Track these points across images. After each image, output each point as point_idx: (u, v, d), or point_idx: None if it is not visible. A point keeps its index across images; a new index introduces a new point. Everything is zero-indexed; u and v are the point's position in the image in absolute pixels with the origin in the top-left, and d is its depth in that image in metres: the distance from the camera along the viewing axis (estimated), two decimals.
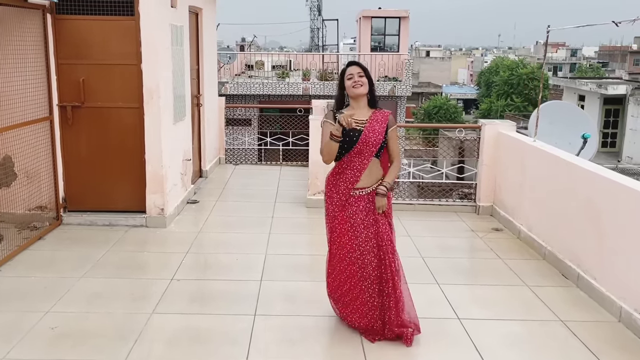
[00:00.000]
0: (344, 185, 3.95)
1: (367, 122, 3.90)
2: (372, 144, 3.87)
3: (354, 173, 3.92)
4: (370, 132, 3.87)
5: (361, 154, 3.89)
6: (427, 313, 4.45)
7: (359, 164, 3.91)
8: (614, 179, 4.68)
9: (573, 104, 13.21)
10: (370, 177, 3.95)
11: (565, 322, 4.34)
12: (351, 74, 3.92)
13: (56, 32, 6.11)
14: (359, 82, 3.90)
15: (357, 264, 3.95)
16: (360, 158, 3.89)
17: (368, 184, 3.94)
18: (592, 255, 4.86)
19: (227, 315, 4.35)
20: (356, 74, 3.91)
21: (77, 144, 6.33)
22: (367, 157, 3.89)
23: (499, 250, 5.93)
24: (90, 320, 4.21)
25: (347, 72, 3.95)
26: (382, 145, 3.94)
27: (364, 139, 3.86)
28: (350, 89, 3.93)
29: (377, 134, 3.88)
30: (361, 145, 3.87)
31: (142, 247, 5.82)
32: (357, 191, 3.94)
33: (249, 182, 8.92)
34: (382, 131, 3.90)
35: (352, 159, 3.91)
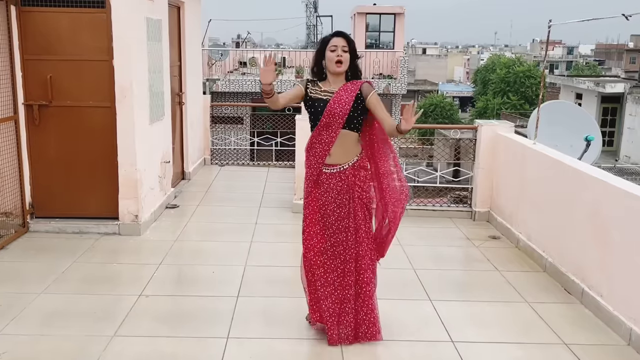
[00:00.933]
0: (315, 160, 3.70)
1: (335, 94, 3.61)
2: (337, 114, 3.58)
3: (323, 147, 3.64)
4: (335, 102, 3.59)
5: (329, 127, 3.61)
6: (418, 335, 4.06)
7: (327, 137, 3.63)
8: (622, 187, 4.27)
9: (574, 104, 12.82)
10: (344, 154, 3.66)
11: (569, 346, 3.94)
12: (335, 45, 3.58)
13: (21, 25, 5.67)
14: (342, 58, 3.57)
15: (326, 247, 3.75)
16: (328, 131, 3.62)
17: (341, 161, 3.66)
18: (598, 269, 4.46)
19: (197, 338, 3.93)
20: (340, 47, 3.57)
21: (45, 145, 5.90)
22: (335, 130, 3.60)
23: (496, 261, 5.52)
24: (43, 344, 3.79)
25: (331, 43, 3.60)
26: (354, 116, 3.61)
27: (329, 110, 3.58)
28: (331, 63, 3.60)
29: (343, 104, 3.57)
30: (327, 117, 3.59)
31: (112, 257, 5.40)
32: (328, 168, 3.68)
33: (234, 185, 8.50)
34: (350, 100, 3.57)
35: (321, 132, 3.64)
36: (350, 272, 3.74)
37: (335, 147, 3.63)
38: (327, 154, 3.64)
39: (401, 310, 4.43)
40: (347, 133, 3.64)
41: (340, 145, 3.63)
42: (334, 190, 3.69)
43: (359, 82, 3.66)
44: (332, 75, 3.66)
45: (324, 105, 3.61)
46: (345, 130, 3.62)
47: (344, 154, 3.65)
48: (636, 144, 25.42)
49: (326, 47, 3.61)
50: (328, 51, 3.59)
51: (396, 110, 21.16)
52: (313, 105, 3.66)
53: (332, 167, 3.67)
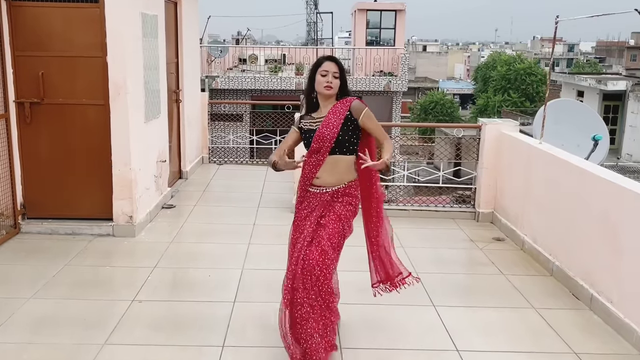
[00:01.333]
0: (302, 182, 3.66)
1: (324, 118, 3.56)
2: (326, 138, 3.51)
3: (310, 169, 3.59)
4: (324, 126, 3.53)
5: (318, 152, 3.55)
6: (422, 343, 3.90)
7: (315, 160, 3.57)
8: (633, 189, 4.11)
9: (580, 102, 12.65)
10: (332, 178, 3.57)
11: (579, 355, 3.79)
12: (326, 70, 3.54)
13: (12, 21, 5.50)
14: (331, 85, 3.53)
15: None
16: (317, 155, 3.56)
17: (329, 183, 3.58)
18: (608, 274, 4.30)
19: (191, 346, 3.78)
20: (331, 73, 3.54)
21: (37, 144, 5.73)
22: (323, 154, 3.54)
23: (501, 265, 5.36)
24: (29, 353, 3.62)
25: (322, 67, 3.55)
26: (344, 139, 3.52)
27: (318, 136, 3.53)
28: (320, 87, 3.55)
29: (331, 127, 3.51)
30: (316, 143, 3.54)
31: (105, 260, 5.24)
32: (314, 188, 3.61)
33: (232, 184, 8.34)
34: (338, 123, 3.51)
35: (311, 156, 3.60)
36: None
37: (324, 172, 3.56)
38: (313, 176, 3.59)
39: (403, 317, 4.27)
40: (339, 158, 3.56)
41: (330, 170, 3.56)
42: (309, 208, 3.63)
43: (349, 100, 3.59)
44: (322, 98, 3.61)
45: (314, 132, 3.59)
46: (337, 156, 3.55)
47: (332, 178, 3.58)
48: (638, 141, 25.29)
49: (317, 70, 3.58)
50: (319, 75, 3.56)
51: (396, 107, 21.00)
52: (306, 137, 3.63)
53: (317, 188, 3.61)
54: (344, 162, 3.58)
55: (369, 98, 20.63)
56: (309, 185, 3.62)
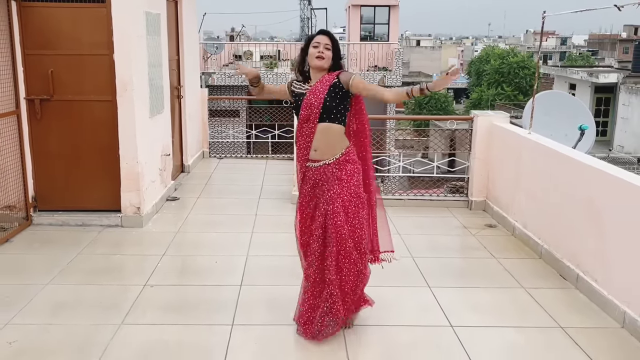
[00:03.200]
0: (300, 153, 3.79)
1: (312, 86, 3.69)
2: (314, 105, 3.62)
3: (305, 139, 3.71)
4: (311, 94, 3.66)
5: (308, 119, 3.66)
6: (419, 320, 4.17)
7: (307, 129, 3.69)
8: (616, 175, 4.38)
9: (569, 94, 12.93)
10: (328, 148, 3.67)
11: (565, 329, 4.06)
12: (318, 42, 3.65)
13: (22, 21, 5.72)
14: (323, 55, 3.63)
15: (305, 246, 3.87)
16: (307, 124, 3.67)
17: (325, 156, 3.68)
18: (593, 255, 4.57)
19: (202, 325, 4.03)
20: (323, 44, 3.64)
21: (47, 139, 5.97)
22: (313, 121, 3.64)
23: (493, 249, 5.63)
24: (52, 333, 3.87)
25: (314, 40, 3.67)
26: (332, 106, 3.62)
27: (306, 102, 3.65)
28: (312, 58, 3.66)
29: (317, 94, 3.63)
30: (304, 110, 3.65)
31: (115, 249, 5.48)
32: (313, 163, 3.73)
33: (233, 177, 8.58)
34: (324, 89, 3.61)
35: (302, 125, 3.70)
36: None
37: (319, 141, 3.66)
38: (309, 146, 3.68)
39: (401, 297, 4.54)
40: (329, 126, 3.65)
41: (324, 139, 3.65)
42: (313, 188, 3.75)
43: (336, 72, 3.69)
44: (313, 71, 3.71)
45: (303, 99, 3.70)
46: (326, 123, 3.64)
47: (327, 148, 3.66)
48: (629, 133, 25.60)
49: (309, 44, 3.68)
50: (311, 47, 3.66)
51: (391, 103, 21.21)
52: (295, 100, 3.74)
53: (316, 162, 3.71)
54: (335, 131, 3.66)
55: None
56: (306, 159, 3.73)
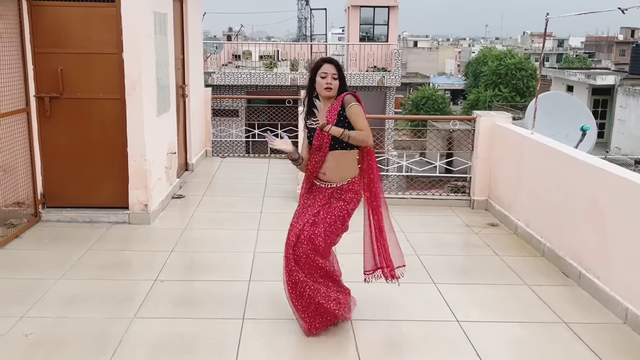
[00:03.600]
0: (308, 176, 3.96)
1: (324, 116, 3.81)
2: (324, 136, 3.76)
3: (314, 165, 3.86)
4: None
5: (320, 149, 3.81)
6: (426, 315, 4.26)
7: (317, 157, 3.84)
8: (619, 174, 4.48)
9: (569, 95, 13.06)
10: (337, 174, 3.82)
11: (568, 324, 4.15)
12: (325, 73, 3.76)
13: (32, 19, 5.80)
14: (331, 86, 3.77)
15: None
16: (319, 153, 3.82)
17: (333, 180, 3.83)
18: (595, 252, 4.67)
19: (214, 319, 4.11)
20: (330, 75, 3.76)
21: (56, 137, 6.04)
22: (324, 150, 3.79)
23: (496, 247, 5.73)
24: (67, 326, 3.95)
25: (321, 70, 3.78)
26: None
27: (317, 134, 3.80)
28: (321, 89, 3.80)
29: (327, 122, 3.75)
30: (316, 141, 3.81)
31: (124, 245, 5.56)
32: (320, 182, 3.89)
33: (236, 176, 8.66)
34: (333, 120, 3.73)
35: (314, 153, 3.86)
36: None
37: (329, 167, 3.80)
38: (317, 171, 3.84)
39: (408, 293, 4.61)
40: (341, 153, 3.78)
41: (335, 165, 3.80)
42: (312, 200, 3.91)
43: (341, 97, 3.77)
44: (323, 98, 3.85)
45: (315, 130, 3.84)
46: (338, 151, 3.78)
47: (337, 174, 3.81)
48: (627, 135, 25.75)
49: (317, 73, 3.78)
50: (319, 77, 3.77)
51: (390, 102, 21.34)
52: (309, 135, 3.90)
53: (322, 182, 3.87)
54: (346, 157, 3.80)
55: (363, 93, 20.95)
56: (314, 179, 3.91)
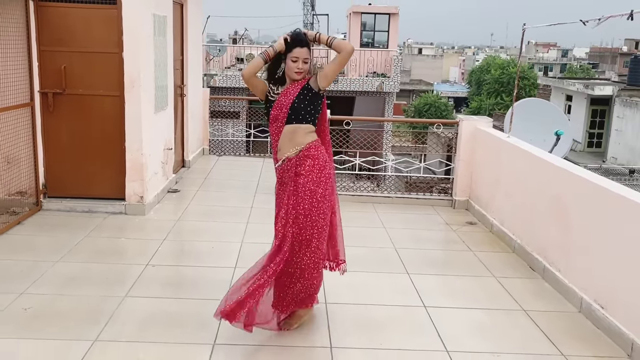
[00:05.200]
0: (274, 152, 3.92)
1: (284, 89, 3.82)
2: (283, 106, 3.75)
3: (273, 138, 3.85)
4: (282, 95, 3.79)
5: (277, 119, 3.79)
6: (394, 300, 4.58)
7: (275, 128, 3.82)
8: (580, 174, 4.80)
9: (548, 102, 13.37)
10: (290, 145, 3.77)
11: (527, 312, 4.47)
12: (297, 57, 3.71)
13: (38, 19, 6.15)
14: (301, 70, 3.75)
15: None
16: (276, 123, 3.80)
17: (288, 152, 3.77)
18: (558, 248, 4.99)
19: (200, 299, 4.44)
20: (302, 59, 3.72)
21: (58, 130, 6.39)
22: (281, 121, 3.77)
23: (471, 243, 6.05)
24: (63, 302, 4.29)
25: (293, 53, 3.71)
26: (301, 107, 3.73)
27: (277, 103, 3.78)
28: (290, 71, 3.76)
29: (288, 96, 3.76)
30: (275, 110, 3.79)
31: (120, 233, 5.90)
32: (278, 162, 3.85)
33: (231, 173, 9.00)
34: (295, 92, 3.74)
35: (272, 124, 3.83)
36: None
37: (283, 140, 3.77)
38: (276, 144, 3.81)
39: (380, 281, 4.95)
40: (297, 127, 3.75)
41: (289, 138, 3.76)
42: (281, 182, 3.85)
43: (307, 78, 3.80)
44: (289, 79, 3.83)
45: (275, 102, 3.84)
46: (294, 125, 3.75)
47: (290, 145, 3.77)
48: (623, 145, 26.03)
49: (288, 55, 3.73)
50: (290, 60, 3.72)
51: (389, 107, 21.67)
52: (267, 107, 3.88)
53: (280, 161, 3.82)
54: (302, 130, 3.76)
55: (363, 98, 21.33)
56: (275, 160, 3.87)
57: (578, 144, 27.49)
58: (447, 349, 3.88)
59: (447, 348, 3.89)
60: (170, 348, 3.75)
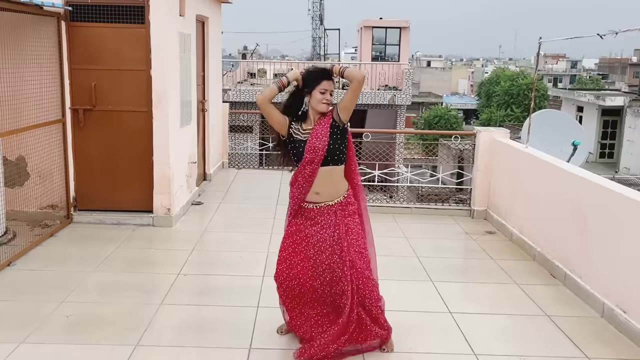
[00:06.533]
0: (297, 192, 3.81)
1: (312, 130, 3.75)
2: (318, 149, 3.68)
3: (305, 180, 3.75)
4: (314, 138, 3.71)
5: (312, 163, 3.71)
6: (420, 307, 4.71)
7: (309, 170, 3.73)
8: (598, 182, 4.94)
9: (564, 113, 13.52)
10: (332, 190, 3.77)
11: (551, 317, 4.59)
12: (325, 89, 3.71)
13: (70, 39, 6.39)
14: (329, 101, 3.72)
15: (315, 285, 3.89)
16: (310, 166, 3.72)
17: (329, 198, 3.78)
18: (578, 254, 5.12)
19: (232, 307, 4.60)
20: (329, 91, 3.72)
21: (88, 145, 6.60)
22: (317, 164, 3.71)
23: (492, 252, 6.18)
24: (102, 309, 4.46)
25: (321, 86, 3.71)
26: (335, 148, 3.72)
27: (310, 147, 3.69)
28: (317, 103, 3.72)
29: (321, 138, 3.69)
30: (309, 153, 3.69)
31: (149, 244, 6.08)
32: (310, 204, 3.81)
33: (251, 186, 9.19)
34: (326, 132, 3.70)
35: (305, 166, 3.74)
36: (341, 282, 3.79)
37: (320, 185, 3.73)
38: (309, 187, 3.73)
39: (406, 289, 5.09)
40: (332, 169, 3.73)
41: (327, 182, 3.73)
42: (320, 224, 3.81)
43: (329, 112, 3.77)
44: (313, 112, 3.77)
45: (304, 145, 3.72)
46: (330, 167, 3.72)
47: (331, 190, 3.76)
48: (635, 155, 26.05)
49: (316, 87, 3.70)
50: (318, 92, 3.69)
51: (400, 120, 21.85)
52: (295, 146, 3.76)
53: (315, 204, 3.78)
54: (337, 173, 3.77)
55: (375, 111, 21.53)
56: (303, 197, 3.78)
57: (590, 155, 27.51)
58: (474, 353, 4.01)
59: (475, 352, 4.02)
60: (208, 352, 3.92)
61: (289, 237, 3.94)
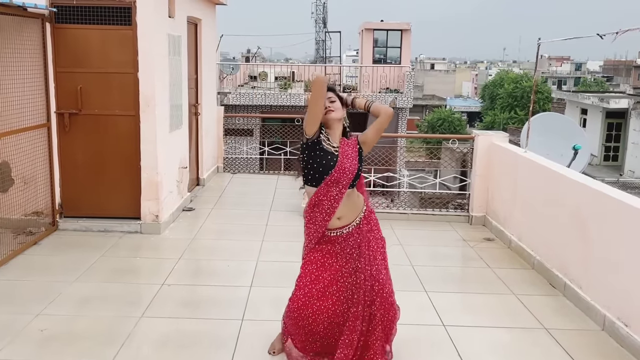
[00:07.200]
0: (321, 217, 3.55)
1: (340, 147, 3.56)
2: (348, 171, 3.51)
3: (331, 203, 3.51)
4: (345, 157, 3.53)
5: (338, 183, 3.50)
6: (412, 319, 4.50)
7: (336, 193, 3.51)
8: (600, 189, 4.73)
9: (565, 116, 13.29)
10: (352, 211, 3.59)
11: (549, 330, 4.38)
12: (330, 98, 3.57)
13: (55, 41, 6.22)
14: (331, 108, 3.54)
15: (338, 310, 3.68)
16: (337, 187, 3.50)
17: (351, 219, 3.59)
18: (579, 264, 4.91)
19: (215, 320, 4.41)
20: (327, 99, 3.53)
21: (74, 150, 6.42)
22: (345, 186, 3.52)
23: (489, 260, 5.97)
24: (79, 323, 4.27)
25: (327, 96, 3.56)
26: (358, 173, 3.59)
27: (340, 166, 3.49)
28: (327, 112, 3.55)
29: (352, 160, 3.55)
30: (338, 173, 3.48)
31: (135, 252, 5.89)
32: (336, 232, 3.60)
33: (245, 191, 8.99)
34: (355, 155, 3.58)
35: (330, 187, 3.50)
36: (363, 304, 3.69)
37: (343, 208, 3.55)
38: (335, 210, 3.52)
39: (398, 300, 4.86)
40: (352, 191, 3.60)
41: (348, 204, 3.57)
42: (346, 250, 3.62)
43: (354, 137, 3.68)
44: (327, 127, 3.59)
45: (335, 160, 3.50)
46: (350, 189, 3.58)
47: (352, 213, 3.60)
48: None
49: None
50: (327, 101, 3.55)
51: (402, 123, 21.65)
52: (324, 156, 3.50)
53: (338, 230, 3.59)
54: (354, 194, 3.64)
55: None
56: (327, 222, 3.54)
57: (594, 158, 27.23)
58: None
59: None
60: None
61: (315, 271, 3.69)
